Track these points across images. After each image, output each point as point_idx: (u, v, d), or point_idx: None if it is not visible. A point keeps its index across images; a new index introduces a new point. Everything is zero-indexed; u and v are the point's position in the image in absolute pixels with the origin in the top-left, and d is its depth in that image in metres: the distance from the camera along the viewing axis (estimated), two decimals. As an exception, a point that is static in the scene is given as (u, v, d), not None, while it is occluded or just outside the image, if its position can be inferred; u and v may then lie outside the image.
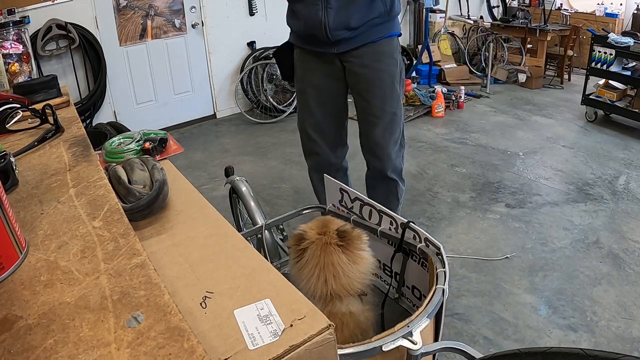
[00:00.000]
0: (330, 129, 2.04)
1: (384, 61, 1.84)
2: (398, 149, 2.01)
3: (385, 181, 2.05)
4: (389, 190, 2.09)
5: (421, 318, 0.95)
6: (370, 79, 1.85)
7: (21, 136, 1.13)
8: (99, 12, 3.98)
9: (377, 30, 1.80)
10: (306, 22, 1.76)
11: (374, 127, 1.92)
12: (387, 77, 1.86)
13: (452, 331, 1.94)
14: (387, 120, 1.91)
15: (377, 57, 1.83)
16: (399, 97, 1.93)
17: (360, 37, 1.78)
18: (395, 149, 1.99)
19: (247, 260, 0.76)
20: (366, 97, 1.89)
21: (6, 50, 1.96)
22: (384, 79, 1.86)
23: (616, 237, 2.56)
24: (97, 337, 0.49)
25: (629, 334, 1.91)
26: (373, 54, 1.82)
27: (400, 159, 2.05)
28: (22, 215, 0.75)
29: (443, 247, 1.14)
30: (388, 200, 2.08)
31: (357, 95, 1.94)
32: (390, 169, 2.01)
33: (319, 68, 1.90)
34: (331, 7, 1.69)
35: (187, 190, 1.02)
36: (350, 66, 1.86)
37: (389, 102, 1.88)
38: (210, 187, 3.34)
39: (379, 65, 1.84)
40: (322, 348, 0.59)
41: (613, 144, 3.82)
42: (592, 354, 0.69)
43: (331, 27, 1.72)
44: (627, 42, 3.87)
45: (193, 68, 4.59)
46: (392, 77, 1.88)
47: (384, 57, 1.84)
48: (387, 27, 1.83)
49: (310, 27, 1.75)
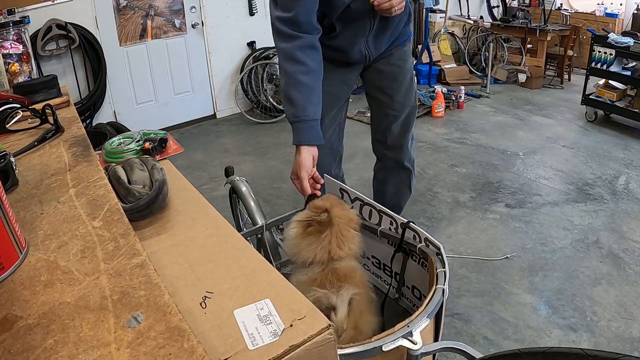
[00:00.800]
0: (335, 138, 2.00)
1: (406, 59, 1.91)
2: (412, 141, 2.07)
3: (400, 171, 2.09)
4: (402, 181, 2.12)
5: (421, 318, 0.95)
6: (394, 76, 1.90)
7: (21, 136, 1.13)
8: (99, 12, 3.98)
9: (402, 35, 1.85)
10: (347, 54, 1.77)
11: (394, 121, 1.96)
12: (407, 74, 1.92)
13: (452, 331, 1.94)
14: (406, 113, 1.96)
15: (403, 55, 1.89)
16: (416, 91, 2.02)
17: (390, 46, 1.84)
18: (410, 141, 2.05)
19: (247, 260, 0.76)
20: (389, 93, 1.92)
21: (6, 50, 1.96)
22: (406, 75, 1.91)
23: (616, 237, 2.56)
24: (97, 337, 0.49)
25: (629, 334, 1.91)
26: (399, 53, 1.88)
27: (413, 150, 2.12)
28: (22, 215, 0.75)
29: (443, 247, 1.13)
30: (400, 191, 2.12)
31: (378, 92, 1.95)
32: (407, 159, 2.06)
33: (340, 78, 1.89)
34: (370, 41, 1.72)
35: (187, 190, 1.02)
36: (375, 65, 1.88)
37: (409, 96, 1.94)
38: (210, 187, 3.34)
39: (403, 63, 1.89)
40: (322, 348, 0.59)
41: (613, 144, 3.82)
42: (592, 354, 0.69)
43: (372, 55, 1.77)
44: (627, 42, 3.87)
45: (193, 68, 4.59)
46: (411, 73, 1.95)
47: (406, 56, 1.91)
48: (408, 30, 1.90)
49: (351, 57, 1.78)
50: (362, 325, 1.10)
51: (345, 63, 1.84)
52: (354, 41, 1.71)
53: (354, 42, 1.72)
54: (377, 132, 2.05)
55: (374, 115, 2.04)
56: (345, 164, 2.93)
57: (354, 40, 1.71)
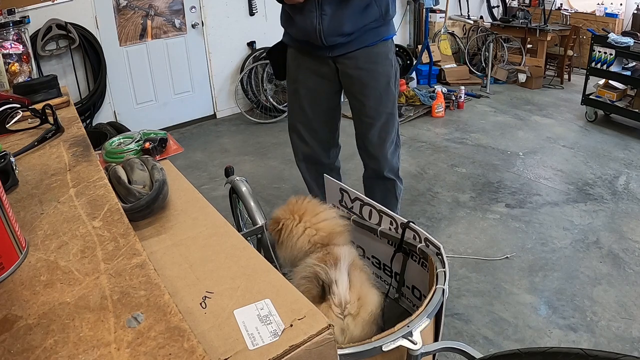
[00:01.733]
0: (323, 129, 2.04)
1: (378, 62, 1.84)
2: (394, 149, 2.01)
3: (382, 181, 2.06)
4: (387, 190, 2.09)
5: (421, 318, 0.95)
6: (364, 81, 1.85)
7: (21, 136, 1.13)
8: (99, 12, 3.97)
9: (372, 35, 1.80)
10: (301, 28, 1.77)
11: (370, 128, 1.92)
12: (382, 78, 1.86)
13: (452, 331, 1.94)
14: (382, 121, 1.91)
15: (372, 58, 1.83)
16: (394, 97, 1.93)
17: (355, 41, 1.78)
18: (391, 149, 1.99)
19: (247, 260, 0.76)
20: (360, 99, 1.89)
21: (6, 50, 1.96)
22: (379, 79, 1.86)
23: (616, 237, 2.56)
24: (97, 337, 0.49)
25: (629, 334, 1.91)
26: (367, 56, 1.82)
27: (397, 158, 2.06)
28: (22, 215, 0.74)
29: (443, 247, 1.13)
30: (386, 200, 2.08)
31: (351, 97, 1.94)
32: (387, 169, 2.02)
33: (312, 69, 1.90)
34: (325, 14, 1.69)
35: (187, 190, 1.02)
36: (344, 68, 1.86)
37: (384, 102, 1.88)
38: (210, 187, 3.34)
39: (373, 67, 1.84)
40: (322, 348, 0.60)
41: (613, 144, 3.82)
42: (592, 354, 0.69)
43: (325, 33, 1.72)
44: (627, 42, 3.87)
45: (193, 68, 4.59)
46: (387, 78, 1.88)
47: (378, 59, 1.84)
48: (382, 31, 1.83)
49: (305, 33, 1.76)
50: (364, 297, 1.08)
51: (309, 50, 1.82)
52: (306, 7, 1.69)
53: (307, 9, 1.69)
54: (358, 139, 2.04)
55: (353, 121, 2.02)
56: (346, 164, 2.94)
57: (306, 7, 1.68)
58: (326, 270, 1.05)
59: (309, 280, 1.08)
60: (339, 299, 1.02)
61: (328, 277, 1.04)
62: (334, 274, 1.05)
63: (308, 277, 1.09)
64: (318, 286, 1.06)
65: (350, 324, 1.03)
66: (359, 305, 1.05)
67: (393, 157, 2.02)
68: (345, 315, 1.02)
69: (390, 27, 1.87)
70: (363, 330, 1.04)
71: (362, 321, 1.04)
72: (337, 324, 1.01)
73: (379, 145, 1.95)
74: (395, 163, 2.05)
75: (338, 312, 1.02)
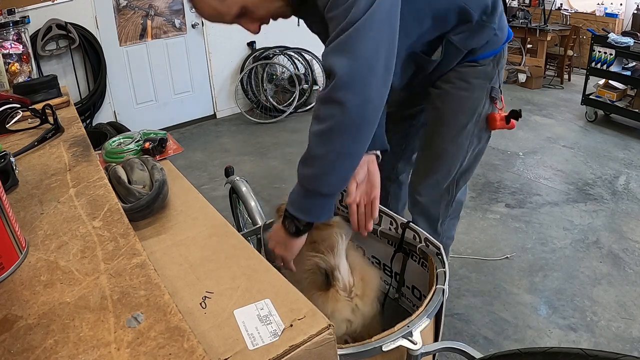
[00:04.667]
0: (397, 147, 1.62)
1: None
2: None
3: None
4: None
5: (421, 318, 0.95)
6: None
7: (21, 136, 1.13)
8: (99, 12, 3.97)
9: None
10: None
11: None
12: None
13: (452, 331, 1.94)
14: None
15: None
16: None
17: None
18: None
19: (247, 260, 0.76)
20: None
21: (6, 50, 1.96)
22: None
23: (616, 237, 2.56)
24: (97, 337, 0.49)
25: (629, 334, 1.90)
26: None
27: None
28: (22, 215, 0.74)
29: (443, 247, 1.13)
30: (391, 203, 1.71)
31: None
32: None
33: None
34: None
35: (187, 190, 1.02)
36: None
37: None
38: (210, 187, 3.34)
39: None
40: (321, 348, 0.60)
41: (613, 144, 3.82)
42: (592, 354, 0.69)
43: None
44: (627, 42, 3.87)
45: (193, 68, 4.59)
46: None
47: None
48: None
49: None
50: (367, 277, 1.11)
51: None
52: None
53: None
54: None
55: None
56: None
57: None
58: (325, 259, 1.06)
59: (312, 272, 1.10)
60: (343, 283, 1.05)
61: (329, 264, 1.06)
62: (333, 261, 1.06)
63: (310, 269, 1.10)
64: (322, 275, 1.07)
65: (359, 304, 1.06)
66: (364, 285, 1.08)
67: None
68: (352, 297, 1.06)
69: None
70: (372, 306, 1.09)
71: (369, 298, 1.09)
72: (347, 306, 1.05)
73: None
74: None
75: (345, 295, 1.05)
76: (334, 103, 0.95)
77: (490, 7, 1.24)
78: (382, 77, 0.96)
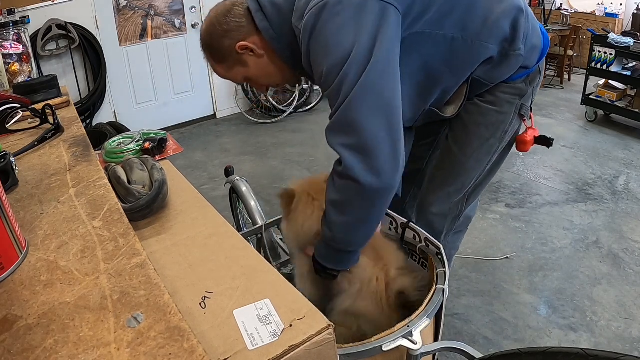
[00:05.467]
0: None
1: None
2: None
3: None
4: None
5: (421, 318, 0.95)
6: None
7: (21, 136, 1.13)
8: (99, 12, 3.97)
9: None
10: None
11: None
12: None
13: (452, 331, 1.94)
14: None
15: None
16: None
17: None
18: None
19: (247, 260, 0.76)
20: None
21: (6, 50, 1.95)
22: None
23: (616, 237, 2.56)
24: (97, 337, 0.50)
25: (629, 334, 1.90)
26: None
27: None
28: (22, 215, 0.75)
29: (443, 247, 1.14)
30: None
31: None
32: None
33: None
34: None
35: (187, 190, 1.02)
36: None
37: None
38: (210, 187, 3.34)
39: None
40: (321, 348, 0.60)
41: (613, 144, 3.82)
42: (592, 354, 0.69)
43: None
44: (627, 42, 3.87)
45: (193, 68, 4.59)
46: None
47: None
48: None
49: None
50: (386, 255, 1.17)
51: None
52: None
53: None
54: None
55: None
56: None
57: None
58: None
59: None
60: (363, 266, 1.14)
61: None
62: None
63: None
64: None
65: (399, 280, 1.14)
66: (383, 265, 1.16)
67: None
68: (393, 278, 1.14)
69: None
70: (410, 277, 1.15)
71: (401, 273, 1.16)
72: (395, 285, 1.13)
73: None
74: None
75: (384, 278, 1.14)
76: (349, 179, 0.98)
77: (510, 34, 1.12)
78: (389, 145, 0.96)
